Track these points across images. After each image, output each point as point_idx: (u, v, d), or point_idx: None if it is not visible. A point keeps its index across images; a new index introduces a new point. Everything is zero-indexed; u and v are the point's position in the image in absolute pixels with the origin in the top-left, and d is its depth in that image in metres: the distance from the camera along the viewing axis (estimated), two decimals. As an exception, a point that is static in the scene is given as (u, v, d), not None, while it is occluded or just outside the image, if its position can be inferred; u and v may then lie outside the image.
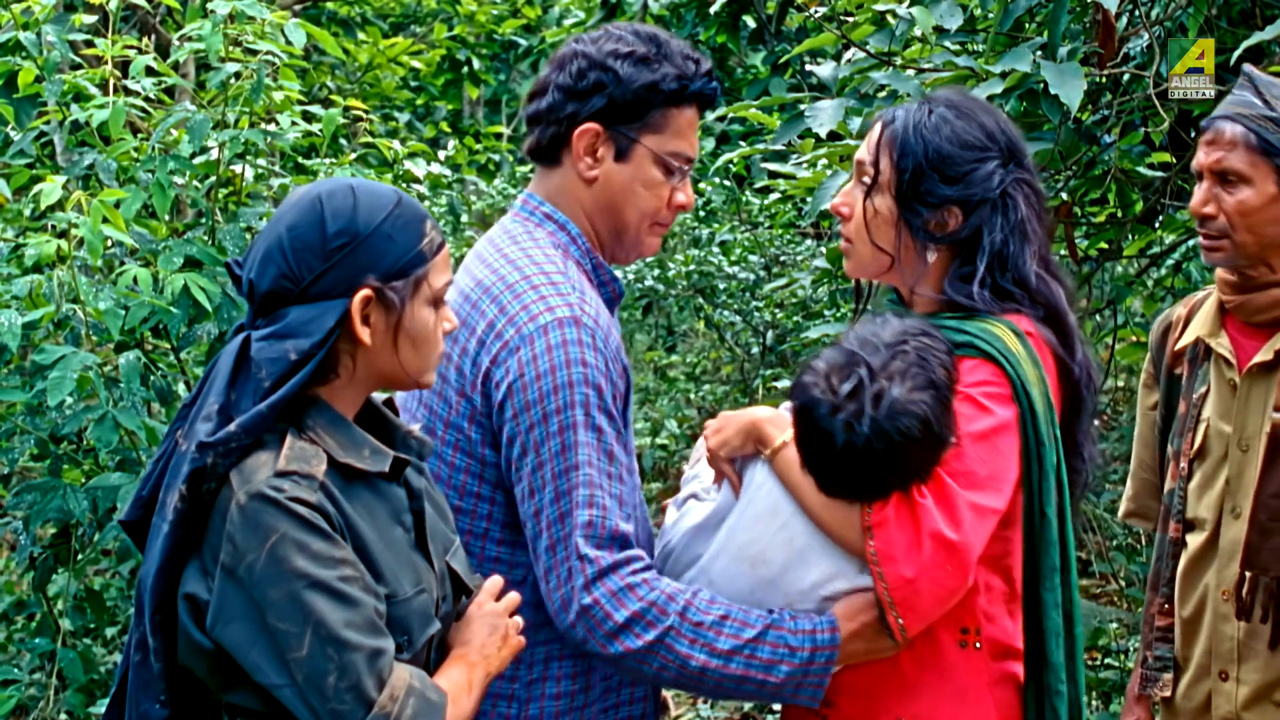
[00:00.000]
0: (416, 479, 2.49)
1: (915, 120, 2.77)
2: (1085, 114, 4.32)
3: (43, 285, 3.98)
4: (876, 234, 2.80)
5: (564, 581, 2.63)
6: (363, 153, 5.66)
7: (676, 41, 2.89)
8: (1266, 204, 3.10)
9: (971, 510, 2.55)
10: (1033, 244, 2.76)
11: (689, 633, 2.63)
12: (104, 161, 4.37)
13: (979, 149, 2.75)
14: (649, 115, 2.84)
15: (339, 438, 2.36)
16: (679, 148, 2.88)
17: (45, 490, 4.13)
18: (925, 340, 2.61)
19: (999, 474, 2.61)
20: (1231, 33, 4.45)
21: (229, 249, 4.37)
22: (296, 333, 2.32)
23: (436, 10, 12.62)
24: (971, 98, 2.89)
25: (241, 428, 2.27)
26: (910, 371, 2.56)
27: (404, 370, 2.41)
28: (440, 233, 2.43)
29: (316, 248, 2.33)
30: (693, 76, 2.85)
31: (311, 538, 2.21)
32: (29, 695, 4.67)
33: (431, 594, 2.44)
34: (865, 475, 2.54)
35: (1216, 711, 3.28)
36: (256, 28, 4.46)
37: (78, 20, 4.64)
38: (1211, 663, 3.29)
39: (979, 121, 2.78)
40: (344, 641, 2.20)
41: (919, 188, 2.74)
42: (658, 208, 2.91)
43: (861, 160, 2.83)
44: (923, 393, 2.54)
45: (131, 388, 4.02)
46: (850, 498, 2.58)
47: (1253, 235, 3.13)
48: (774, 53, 9.27)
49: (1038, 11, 4.45)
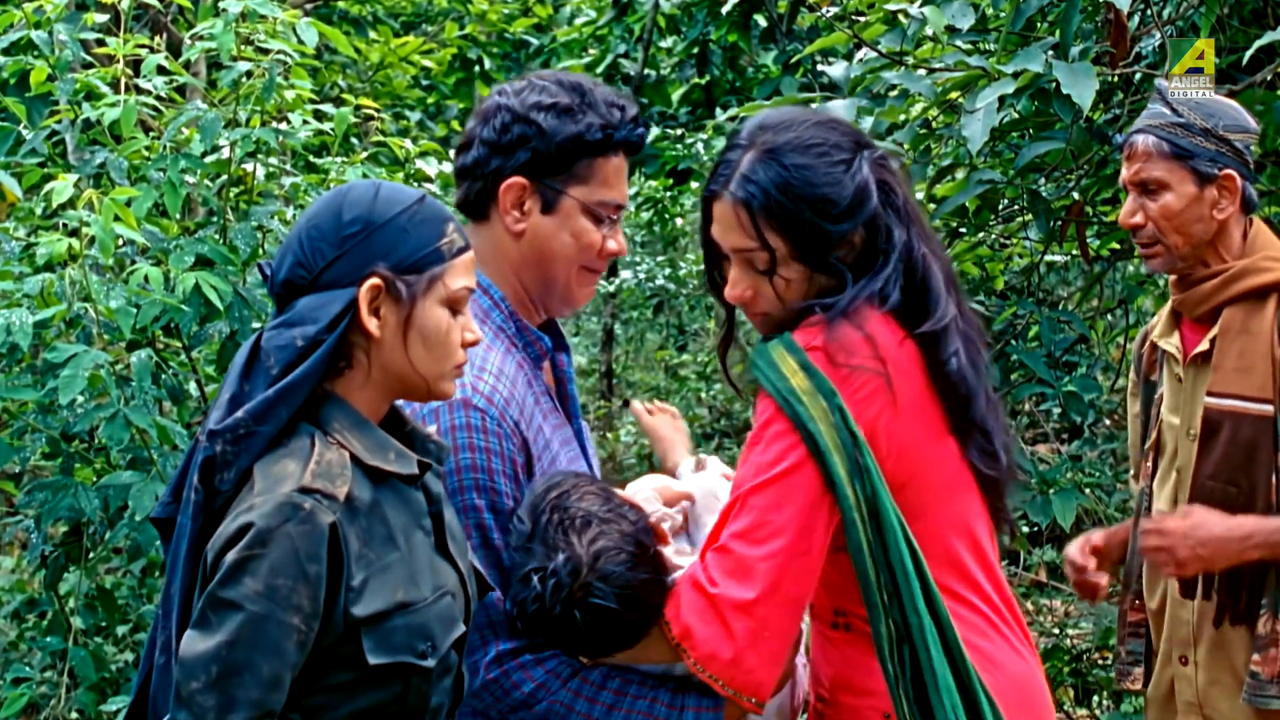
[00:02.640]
0: (434, 483, 2.49)
1: (775, 182, 2.59)
2: (1097, 113, 4.32)
3: (54, 284, 3.98)
4: (793, 298, 2.64)
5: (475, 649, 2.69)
6: (374, 151, 5.65)
7: (602, 89, 2.86)
8: (1188, 205, 3.25)
9: (765, 561, 2.48)
10: (916, 223, 2.64)
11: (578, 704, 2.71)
12: (115, 160, 4.37)
13: (843, 164, 2.60)
14: (575, 166, 2.82)
15: (365, 440, 2.36)
16: (607, 196, 2.85)
17: (57, 489, 4.13)
18: (556, 495, 2.65)
19: (786, 519, 2.50)
20: (1244, 32, 4.45)
21: (240, 248, 4.37)
22: (304, 320, 2.32)
23: (448, 9, 12.62)
24: (789, 116, 2.70)
25: (249, 414, 2.28)
26: (569, 528, 2.60)
27: (416, 371, 2.39)
28: (465, 238, 2.42)
29: (330, 235, 2.34)
30: (618, 124, 2.83)
31: (287, 574, 2.20)
32: (40, 693, 4.68)
33: (456, 597, 2.44)
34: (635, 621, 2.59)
35: (1180, 697, 3.38)
36: (268, 26, 4.46)
37: (89, 19, 4.65)
38: (1173, 649, 3.38)
39: (820, 139, 2.62)
40: (235, 674, 2.18)
41: (821, 240, 2.59)
42: (588, 258, 2.88)
43: (740, 247, 2.64)
44: (589, 527, 2.60)
45: (143, 386, 4.02)
46: (616, 649, 2.62)
47: (1181, 236, 3.27)
48: (785, 52, 9.26)
49: (1050, 11, 4.44)
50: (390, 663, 2.30)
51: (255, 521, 2.21)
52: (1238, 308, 3.26)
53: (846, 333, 2.53)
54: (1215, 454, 3.25)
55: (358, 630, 2.27)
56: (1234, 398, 3.22)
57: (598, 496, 2.68)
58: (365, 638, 2.28)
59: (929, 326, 2.59)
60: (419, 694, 2.36)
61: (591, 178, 2.83)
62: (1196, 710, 3.31)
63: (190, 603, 2.28)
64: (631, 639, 2.61)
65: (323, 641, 2.26)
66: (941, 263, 2.67)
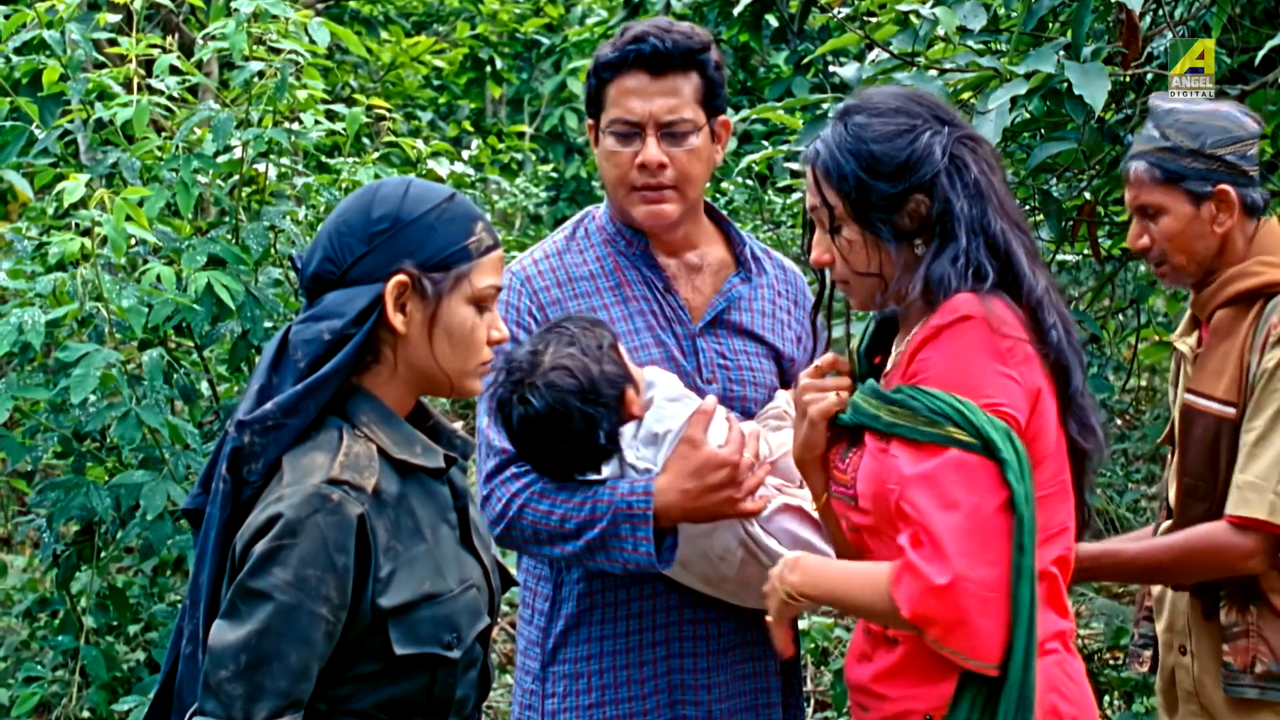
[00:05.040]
0: (460, 477, 2.52)
1: (835, 141, 2.68)
2: (1109, 113, 4.32)
3: (66, 283, 3.99)
4: (857, 263, 2.71)
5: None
6: (386, 152, 5.66)
7: (643, 23, 3.19)
8: (1187, 225, 3.29)
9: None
10: (991, 200, 2.66)
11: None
12: (128, 160, 4.38)
13: (905, 131, 2.65)
14: (600, 97, 3.20)
15: (392, 434, 2.38)
16: (616, 114, 3.17)
17: (68, 488, 4.14)
18: (579, 326, 3.02)
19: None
20: (1255, 32, 4.44)
21: (252, 247, 4.38)
22: (330, 314, 2.34)
23: (459, 9, 12.62)
24: (880, 90, 2.80)
25: (278, 406, 2.30)
26: (558, 342, 2.97)
27: (440, 368, 2.42)
28: (494, 237, 2.44)
29: (359, 231, 2.37)
30: (615, 49, 3.16)
31: (316, 565, 2.23)
32: (52, 692, 4.69)
33: (480, 590, 2.46)
34: (558, 442, 2.96)
35: (1180, 686, 3.41)
36: (280, 26, 4.47)
37: (102, 19, 4.66)
38: (1173, 639, 3.41)
39: (893, 107, 2.68)
40: (264, 663, 2.20)
41: (869, 199, 2.64)
42: (624, 175, 3.18)
43: (813, 206, 2.74)
44: (570, 349, 2.95)
45: (154, 385, 4.03)
46: (569, 472, 3.00)
47: (1185, 254, 3.32)
48: (796, 52, 9.24)
49: (1061, 11, 4.44)
50: (416, 653, 2.33)
51: (284, 512, 2.23)
52: (1227, 311, 3.31)
53: (996, 304, 2.59)
54: (1189, 451, 3.30)
55: (384, 621, 2.30)
56: (1206, 397, 3.27)
57: (597, 341, 3.00)
58: (392, 629, 2.30)
59: (1027, 298, 2.63)
60: (445, 685, 2.38)
61: (606, 101, 3.19)
62: (1195, 699, 3.34)
63: (218, 593, 2.30)
64: (555, 463, 3.00)
65: (350, 632, 2.28)
66: (1024, 240, 2.70)
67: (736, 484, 2.98)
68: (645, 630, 3.18)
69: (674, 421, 3.02)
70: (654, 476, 3.00)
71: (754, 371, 3.28)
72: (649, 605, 3.17)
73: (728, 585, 3.11)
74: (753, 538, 3.04)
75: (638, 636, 3.17)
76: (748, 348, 3.29)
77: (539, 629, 3.25)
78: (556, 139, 13.58)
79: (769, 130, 9.61)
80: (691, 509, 2.98)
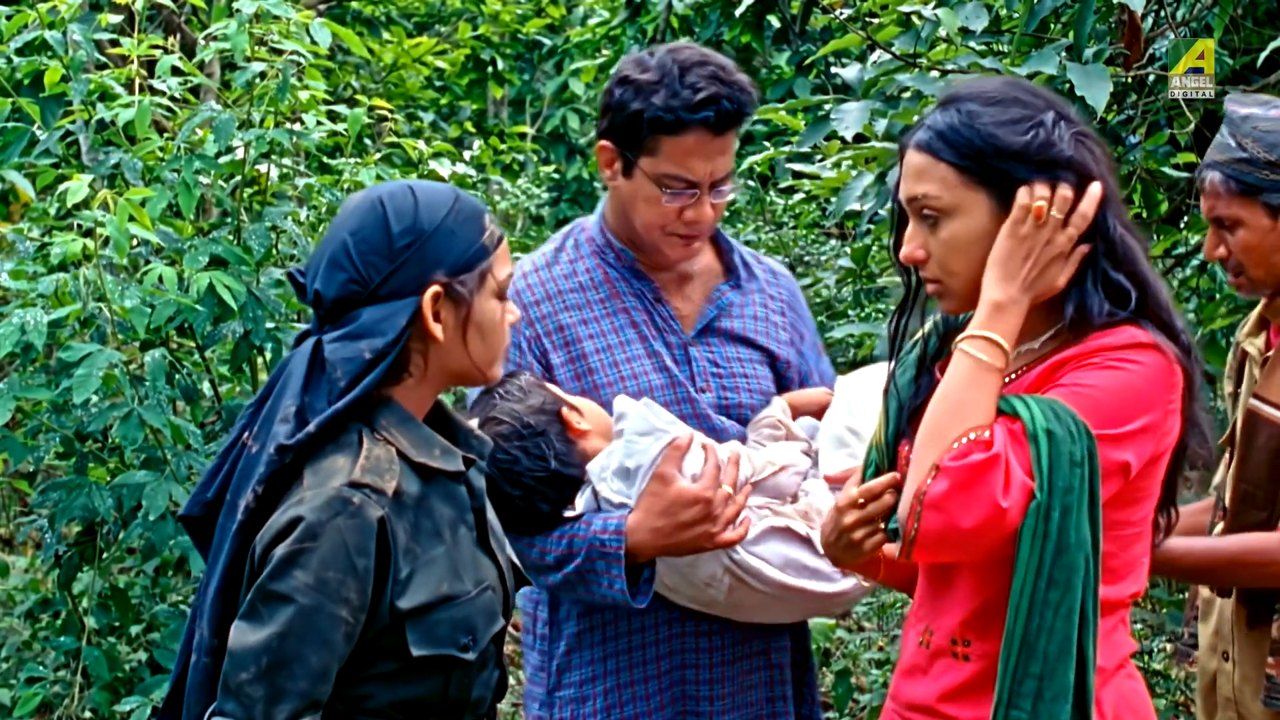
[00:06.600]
0: (476, 478, 2.52)
1: (946, 123, 2.48)
2: (1111, 114, 4.32)
3: (68, 284, 3.99)
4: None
5: None
6: (388, 152, 5.66)
7: (700, 69, 3.05)
8: (1264, 237, 3.21)
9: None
10: (1114, 206, 2.50)
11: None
12: (129, 161, 4.38)
13: (1021, 119, 2.46)
14: (645, 140, 3.11)
15: (411, 437, 2.39)
16: (674, 170, 3.11)
17: (70, 488, 4.14)
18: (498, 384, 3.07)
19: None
20: (1257, 33, 4.44)
21: (254, 248, 4.37)
22: (370, 332, 2.34)
23: (461, 10, 12.62)
24: (981, 80, 2.65)
25: (319, 428, 2.30)
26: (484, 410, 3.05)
27: (474, 364, 2.44)
28: (498, 225, 2.47)
29: (383, 249, 2.36)
30: (680, 107, 3.04)
31: (337, 568, 2.23)
32: (54, 693, 4.68)
33: (496, 591, 2.47)
34: (517, 488, 3.01)
35: (1220, 692, 3.38)
36: (282, 27, 4.46)
37: (103, 20, 4.66)
38: (1217, 644, 3.38)
39: (999, 94, 2.51)
40: (285, 665, 2.21)
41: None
42: (665, 222, 3.14)
43: (914, 195, 2.51)
44: (493, 406, 3.04)
45: (157, 386, 4.03)
46: (551, 518, 3.05)
47: (1264, 269, 3.24)
48: (799, 53, 9.25)
49: (1063, 12, 4.44)
50: (433, 654, 2.34)
51: (306, 515, 2.24)
52: None
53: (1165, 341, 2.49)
54: (1250, 458, 3.24)
55: (402, 622, 2.31)
56: (1275, 406, 3.21)
57: (517, 385, 3.08)
58: (409, 630, 2.31)
59: (1153, 305, 2.52)
60: (460, 686, 2.39)
61: (659, 151, 3.08)
62: (1233, 707, 3.32)
63: (227, 600, 2.31)
64: (531, 514, 3.03)
65: (368, 633, 2.30)
66: (1138, 241, 2.56)
67: (711, 518, 2.94)
68: (649, 645, 3.18)
69: (644, 457, 2.99)
70: (626, 514, 2.99)
71: (748, 378, 3.27)
72: (650, 620, 3.17)
73: (718, 609, 3.11)
74: (738, 564, 3.01)
75: (641, 653, 3.17)
76: (741, 354, 3.28)
77: (542, 653, 3.25)
78: (558, 140, 13.58)
79: (771, 131, 9.61)
80: (665, 546, 2.97)
